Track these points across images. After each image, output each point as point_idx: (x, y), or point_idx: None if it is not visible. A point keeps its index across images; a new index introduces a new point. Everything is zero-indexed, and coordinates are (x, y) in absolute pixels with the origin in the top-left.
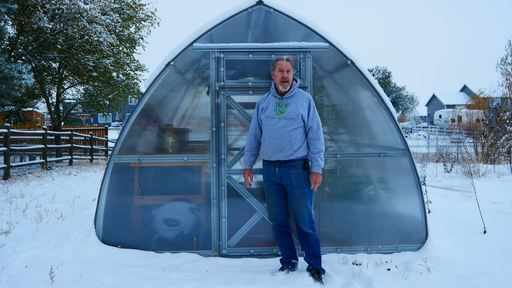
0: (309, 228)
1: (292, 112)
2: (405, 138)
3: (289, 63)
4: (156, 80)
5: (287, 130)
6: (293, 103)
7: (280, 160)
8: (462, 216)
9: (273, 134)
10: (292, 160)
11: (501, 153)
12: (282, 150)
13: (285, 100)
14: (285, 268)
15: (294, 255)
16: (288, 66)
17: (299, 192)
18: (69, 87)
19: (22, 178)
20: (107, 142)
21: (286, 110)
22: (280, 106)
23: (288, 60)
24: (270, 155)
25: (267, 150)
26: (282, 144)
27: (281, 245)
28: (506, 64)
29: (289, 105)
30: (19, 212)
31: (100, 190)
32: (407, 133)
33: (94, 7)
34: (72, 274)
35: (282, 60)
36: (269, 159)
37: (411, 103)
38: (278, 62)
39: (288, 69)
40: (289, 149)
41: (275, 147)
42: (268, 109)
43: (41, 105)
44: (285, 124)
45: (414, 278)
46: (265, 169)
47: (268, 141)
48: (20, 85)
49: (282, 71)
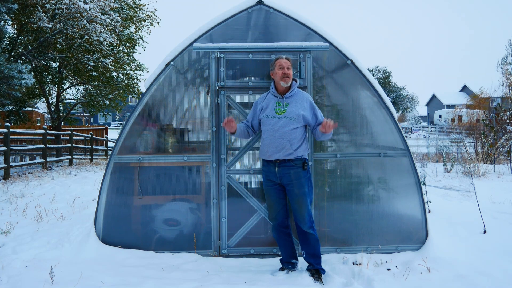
0: (309, 227)
1: (293, 112)
2: (405, 138)
3: (289, 61)
4: (156, 80)
5: (287, 130)
6: (293, 103)
7: (279, 159)
8: (462, 216)
9: (273, 133)
10: (291, 159)
11: (501, 153)
12: (282, 150)
13: (285, 100)
14: (285, 268)
15: (294, 255)
16: (288, 64)
17: (298, 191)
18: (69, 87)
19: (22, 178)
20: (107, 142)
21: (286, 110)
22: (280, 105)
23: (288, 58)
24: (270, 154)
25: (266, 149)
26: (282, 144)
27: (281, 245)
28: (506, 64)
29: (289, 105)
30: (19, 212)
31: (100, 190)
32: (407, 133)
33: (94, 6)
34: (72, 274)
35: (281, 58)
36: (268, 158)
37: (411, 103)
38: (277, 61)
39: (288, 66)
40: (288, 148)
41: (275, 147)
42: (268, 108)
43: (41, 105)
44: (286, 123)
45: (414, 278)
46: (264, 169)
47: (267, 140)
48: (20, 85)
49: (282, 68)
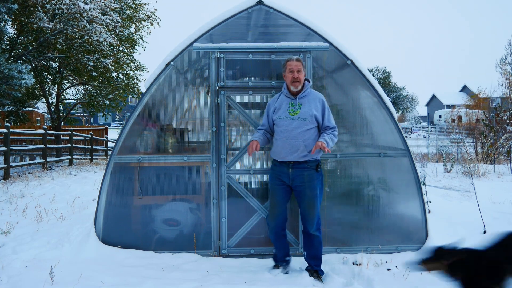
0: (316, 230)
1: (306, 113)
2: (405, 138)
3: (299, 63)
4: (156, 80)
5: (301, 131)
6: (306, 103)
7: (294, 161)
8: (462, 216)
9: (286, 134)
10: (306, 161)
11: (501, 153)
12: (297, 151)
13: (298, 100)
14: (280, 266)
15: (288, 253)
16: (298, 66)
17: (311, 193)
18: (69, 87)
19: (22, 178)
20: (107, 142)
21: (299, 111)
22: (293, 106)
23: (298, 60)
24: (284, 155)
25: (280, 150)
26: (297, 145)
27: (278, 246)
28: (505, 64)
29: (302, 105)
30: (19, 212)
31: (100, 190)
32: (407, 133)
33: (94, 7)
34: (72, 274)
35: (292, 60)
36: (282, 159)
37: (411, 103)
38: (288, 63)
39: (299, 69)
40: (303, 150)
41: (289, 148)
42: (281, 109)
43: (41, 105)
44: (299, 124)
45: (414, 278)
46: (276, 168)
47: (281, 141)
48: (20, 85)
49: (292, 72)
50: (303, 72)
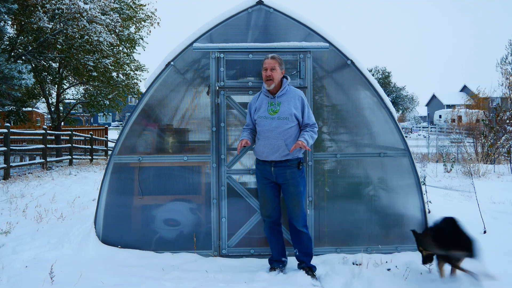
0: (302, 226)
1: (286, 112)
2: (405, 138)
3: (274, 61)
4: (156, 80)
5: (282, 130)
6: (286, 102)
7: (275, 160)
8: (462, 216)
9: (267, 134)
10: (288, 160)
11: (501, 153)
12: (278, 151)
13: (277, 99)
14: (276, 267)
15: (284, 253)
16: (271, 64)
17: (294, 190)
18: (69, 87)
19: (22, 178)
20: (107, 142)
21: (279, 110)
22: (272, 105)
23: (274, 58)
24: (266, 155)
25: (262, 150)
26: (278, 145)
27: (273, 242)
28: (506, 64)
29: (281, 104)
30: (19, 212)
31: (100, 190)
32: (407, 133)
33: (94, 7)
34: (72, 274)
35: (267, 58)
36: (265, 159)
37: (411, 103)
38: (264, 61)
39: (273, 67)
40: (284, 149)
41: (270, 148)
42: (261, 109)
43: (41, 105)
44: (279, 124)
45: (414, 278)
46: (259, 167)
47: (262, 141)
48: (20, 85)
49: (266, 70)
50: (278, 70)
